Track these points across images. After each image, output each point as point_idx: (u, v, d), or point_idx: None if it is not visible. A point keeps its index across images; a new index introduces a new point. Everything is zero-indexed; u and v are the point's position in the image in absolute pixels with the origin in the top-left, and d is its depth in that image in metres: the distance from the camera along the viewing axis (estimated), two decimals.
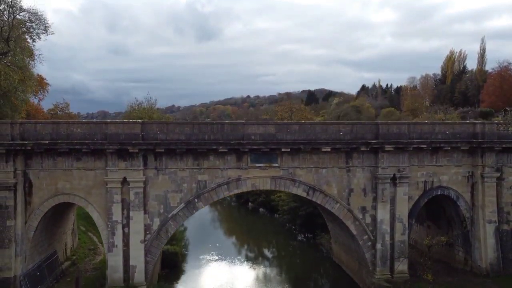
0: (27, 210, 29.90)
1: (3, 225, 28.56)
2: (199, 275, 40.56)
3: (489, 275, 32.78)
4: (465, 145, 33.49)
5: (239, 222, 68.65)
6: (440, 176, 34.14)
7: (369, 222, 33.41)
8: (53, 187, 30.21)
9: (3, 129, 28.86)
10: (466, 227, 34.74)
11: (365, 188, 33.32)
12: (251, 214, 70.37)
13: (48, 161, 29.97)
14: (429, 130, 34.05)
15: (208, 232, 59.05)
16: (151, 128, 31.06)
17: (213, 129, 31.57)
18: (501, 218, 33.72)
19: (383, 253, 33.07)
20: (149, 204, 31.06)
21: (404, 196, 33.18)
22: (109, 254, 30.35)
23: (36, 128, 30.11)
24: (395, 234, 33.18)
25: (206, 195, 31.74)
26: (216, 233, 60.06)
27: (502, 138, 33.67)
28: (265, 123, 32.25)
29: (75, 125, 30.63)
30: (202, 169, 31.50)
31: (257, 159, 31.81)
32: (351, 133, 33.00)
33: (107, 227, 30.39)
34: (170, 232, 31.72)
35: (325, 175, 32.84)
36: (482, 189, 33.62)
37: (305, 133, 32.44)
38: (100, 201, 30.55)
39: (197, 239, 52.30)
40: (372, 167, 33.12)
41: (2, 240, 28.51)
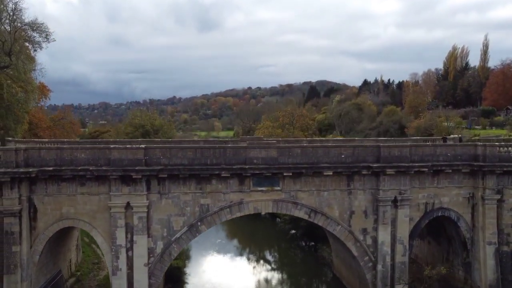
0: (32, 235, 30.31)
1: (9, 251, 28.96)
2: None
3: None
4: (466, 168, 33.68)
5: (241, 225, 69.22)
6: (441, 198, 34.39)
7: (370, 243, 33.76)
8: (58, 212, 30.57)
9: (8, 156, 29.07)
10: (466, 247, 35.07)
11: (366, 210, 33.61)
12: (253, 218, 70.71)
13: (53, 187, 30.28)
14: (430, 152, 34.17)
15: (210, 235, 59.71)
16: (154, 153, 31.23)
17: (215, 153, 31.75)
18: (501, 239, 34.00)
19: (383, 274, 33.49)
20: (152, 228, 31.42)
21: (405, 218, 33.47)
22: (113, 277, 30.81)
23: (40, 154, 30.35)
24: (395, 256, 33.54)
25: (209, 219, 32.08)
26: (218, 235, 60.70)
27: (504, 160, 33.76)
28: (267, 147, 32.40)
29: (79, 150, 30.79)
30: (205, 193, 31.79)
31: (259, 183, 32.06)
32: (352, 156, 33.17)
33: (111, 251, 30.80)
34: (174, 255, 32.15)
35: (327, 198, 33.12)
36: (483, 211, 33.87)
37: (307, 157, 32.62)
38: (104, 226, 30.92)
39: (199, 243, 52.90)
40: (374, 189, 33.37)
41: (8, 266, 28.94)
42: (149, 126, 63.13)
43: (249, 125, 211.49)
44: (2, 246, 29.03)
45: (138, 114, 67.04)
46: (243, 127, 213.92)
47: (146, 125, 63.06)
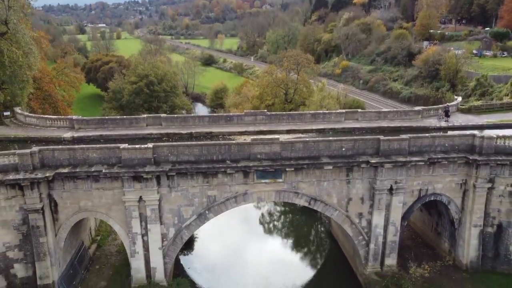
0: (55, 226, 33.25)
1: (37, 242, 32.14)
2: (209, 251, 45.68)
3: (468, 271, 36.95)
4: (461, 159, 34.98)
5: None
6: (434, 184, 36.30)
7: (364, 225, 36.63)
8: (76, 205, 33.09)
9: (24, 160, 30.70)
10: (453, 225, 37.98)
11: (363, 197, 35.83)
12: None
13: (69, 184, 32.34)
14: (429, 143, 35.22)
15: None
16: (162, 151, 32.63)
17: (220, 149, 33.07)
18: (486, 222, 36.63)
19: (375, 251, 36.97)
20: (164, 216, 34.14)
21: (399, 204, 35.81)
22: (132, 259, 34.46)
23: (54, 155, 31.91)
24: (387, 236, 36.62)
25: (216, 208, 34.59)
26: None
27: (499, 151, 34.88)
28: (271, 143, 33.46)
29: (90, 150, 32.19)
30: (212, 186, 33.84)
31: (262, 176, 33.85)
32: (353, 149, 34.39)
33: (128, 238, 33.97)
34: (185, 239, 35.34)
35: (326, 187, 35.13)
36: (473, 197, 35.98)
37: (309, 151, 33.91)
38: (120, 216, 33.65)
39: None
40: (371, 178, 35.16)
41: (38, 254, 32.36)
42: (153, 76, 62.83)
43: (253, 39, 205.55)
44: (31, 238, 32.11)
45: (141, 62, 66.06)
46: (247, 41, 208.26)
47: (149, 74, 62.71)
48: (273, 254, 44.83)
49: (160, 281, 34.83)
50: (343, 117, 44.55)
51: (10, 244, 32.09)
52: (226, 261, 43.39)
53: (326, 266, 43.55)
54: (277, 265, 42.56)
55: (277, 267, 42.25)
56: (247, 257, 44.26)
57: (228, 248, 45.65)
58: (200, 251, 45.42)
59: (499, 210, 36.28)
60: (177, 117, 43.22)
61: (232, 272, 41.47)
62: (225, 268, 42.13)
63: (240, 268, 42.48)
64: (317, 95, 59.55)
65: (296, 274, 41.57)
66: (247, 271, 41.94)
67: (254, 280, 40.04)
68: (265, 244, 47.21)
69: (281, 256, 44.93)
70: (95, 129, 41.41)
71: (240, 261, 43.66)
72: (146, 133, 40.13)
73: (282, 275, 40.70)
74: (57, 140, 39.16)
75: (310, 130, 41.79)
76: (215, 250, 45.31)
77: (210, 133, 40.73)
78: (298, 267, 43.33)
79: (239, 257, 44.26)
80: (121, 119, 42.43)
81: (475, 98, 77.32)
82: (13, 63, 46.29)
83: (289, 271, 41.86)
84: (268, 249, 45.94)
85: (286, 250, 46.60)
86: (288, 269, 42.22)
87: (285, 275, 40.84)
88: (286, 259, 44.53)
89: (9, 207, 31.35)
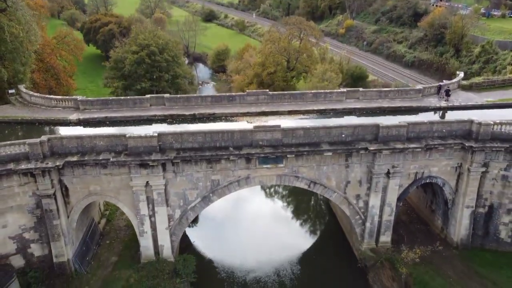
0: (67, 208, 34.99)
1: (51, 224, 34.00)
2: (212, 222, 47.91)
3: (458, 248, 39.05)
4: (458, 145, 35.94)
5: None
6: (430, 168, 37.52)
7: (361, 206, 38.32)
8: (86, 189, 34.63)
9: (35, 149, 31.83)
10: (447, 205, 39.66)
11: (361, 180, 37.21)
12: None
13: (79, 170, 33.67)
14: (427, 129, 36.03)
15: None
16: (166, 139, 33.63)
17: (223, 136, 34.04)
18: (479, 203, 38.20)
19: (371, 229, 38.94)
20: (170, 199, 35.76)
21: (396, 186, 37.25)
22: (141, 238, 36.52)
23: (62, 143, 32.99)
24: (383, 215, 38.42)
25: (219, 191, 36.11)
26: None
27: (495, 137, 35.76)
28: (273, 130, 34.32)
29: (98, 138, 33.18)
30: (215, 171, 35.13)
31: (264, 161, 35.03)
32: (352, 135, 35.32)
33: (137, 219, 35.81)
34: (190, 219, 37.20)
35: (326, 171, 36.41)
36: (467, 180, 37.29)
37: (310, 137, 34.87)
38: (129, 199, 35.29)
39: None
40: (370, 163, 36.34)
41: (52, 235, 34.33)
42: (154, 46, 62.34)
43: None
44: (45, 221, 33.96)
45: (142, 31, 65.16)
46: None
47: (150, 44, 62.21)
48: (273, 226, 47.10)
49: (167, 257, 37.08)
50: (344, 96, 45.00)
51: (26, 226, 33.97)
52: (229, 234, 45.73)
53: (324, 238, 45.96)
54: (277, 237, 44.87)
55: (277, 238, 44.57)
56: (249, 229, 46.55)
57: (232, 222, 47.87)
58: (205, 225, 47.67)
59: (492, 192, 37.74)
60: (180, 97, 43.76)
61: (235, 244, 43.90)
62: (229, 240, 44.51)
63: (242, 239, 44.86)
64: (320, 68, 59.27)
65: (296, 246, 43.95)
66: (248, 242, 44.30)
67: (255, 251, 42.46)
68: (266, 217, 49.37)
69: (282, 228, 47.21)
70: (100, 110, 42.16)
71: (242, 233, 46.00)
72: (150, 115, 40.94)
73: (282, 247, 43.11)
74: (63, 122, 40.12)
75: (312, 111, 42.49)
76: (219, 223, 47.53)
77: (213, 114, 41.51)
78: (298, 239, 45.67)
79: (242, 229, 46.57)
80: (125, 100, 43.01)
81: (478, 65, 76.88)
82: (14, 39, 46.32)
83: (288, 243, 44.20)
84: (269, 222, 48.15)
85: (286, 223, 48.88)
86: (288, 241, 44.54)
87: (285, 247, 43.23)
88: (286, 231, 46.84)
89: (22, 192, 32.86)
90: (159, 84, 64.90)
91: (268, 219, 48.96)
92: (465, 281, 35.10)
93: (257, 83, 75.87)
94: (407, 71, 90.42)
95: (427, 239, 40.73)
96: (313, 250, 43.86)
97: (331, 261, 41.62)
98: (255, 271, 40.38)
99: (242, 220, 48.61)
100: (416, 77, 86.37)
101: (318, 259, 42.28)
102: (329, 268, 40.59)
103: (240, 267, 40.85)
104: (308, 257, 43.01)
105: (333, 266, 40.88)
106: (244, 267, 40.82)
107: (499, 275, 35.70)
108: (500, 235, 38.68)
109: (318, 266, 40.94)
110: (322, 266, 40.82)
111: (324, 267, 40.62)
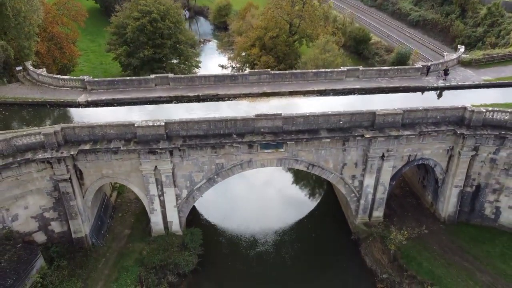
0: (82, 190, 37.65)
1: (68, 205, 36.83)
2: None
3: (445, 223, 42.10)
4: (450, 132, 37.69)
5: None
6: (423, 151, 39.55)
7: (356, 185, 40.86)
8: (99, 173, 37.06)
9: (50, 139, 33.84)
10: (437, 183, 42.18)
11: (357, 162, 39.42)
12: None
13: (91, 156, 35.88)
14: (422, 115, 37.60)
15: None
16: (173, 127, 35.48)
17: (227, 124, 35.81)
18: (467, 183, 40.61)
19: (365, 206, 41.81)
20: (177, 181, 38.28)
21: (389, 168, 39.53)
22: (151, 214, 39.53)
23: (75, 132, 34.95)
24: (377, 194, 41.08)
25: (223, 173, 38.50)
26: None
27: (487, 124, 37.42)
28: (273, 118, 35.96)
29: (108, 127, 35.02)
30: (220, 155, 37.29)
31: (266, 147, 37.07)
32: (349, 122, 37.03)
33: (147, 198, 38.60)
34: (196, 199, 39.96)
35: (324, 155, 38.53)
36: (457, 163, 39.43)
37: (309, 124, 36.62)
38: (139, 181, 37.83)
39: None
40: (365, 147, 38.34)
41: (70, 214, 37.30)
42: (156, 13, 61.90)
43: None
44: (63, 201, 36.78)
45: None
46: None
47: (152, 11, 61.75)
48: (276, 201, 50.13)
49: (176, 231, 40.34)
50: (344, 74, 46.00)
51: (46, 207, 36.83)
52: (233, 207, 48.84)
53: (323, 211, 48.98)
54: (279, 210, 48.06)
55: (279, 212, 47.77)
56: (252, 203, 49.57)
57: (236, 196, 50.73)
58: (210, 199, 50.55)
59: (480, 173, 40.02)
60: (184, 77, 44.89)
61: (239, 217, 47.12)
62: (233, 213, 47.70)
63: (246, 212, 48.02)
64: (321, 39, 59.17)
65: (295, 219, 47.16)
66: (251, 215, 47.48)
67: (258, 223, 45.76)
68: (268, 191, 52.09)
69: (283, 202, 50.16)
70: (106, 90, 43.54)
71: (246, 206, 49.08)
72: (156, 96, 42.41)
73: (282, 220, 46.38)
74: (72, 104, 41.70)
75: (312, 91, 43.80)
76: (224, 197, 50.42)
77: (217, 95, 42.94)
78: (298, 212, 48.57)
79: (245, 203, 49.60)
80: (131, 80, 44.20)
81: (483, 28, 76.11)
82: (16, 15, 46.65)
83: (289, 216, 47.36)
84: (272, 196, 51.04)
85: (288, 197, 51.54)
86: (288, 215, 47.69)
87: (285, 220, 46.49)
88: (287, 205, 49.82)
89: (40, 177, 35.33)
90: (161, 51, 65.21)
91: (270, 193, 51.70)
92: (449, 255, 38.43)
93: (259, 46, 75.82)
94: (411, 31, 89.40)
95: (418, 214, 43.82)
96: (312, 223, 47.01)
97: (327, 233, 44.93)
98: (256, 242, 43.71)
99: (246, 194, 51.45)
100: (420, 38, 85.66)
101: (316, 231, 45.45)
102: (325, 239, 43.91)
103: (243, 239, 44.09)
104: (307, 229, 46.18)
105: (329, 238, 44.21)
106: (247, 239, 44.07)
107: (480, 250, 38.96)
108: (485, 212, 41.52)
109: (315, 238, 44.22)
110: (319, 237, 44.09)
111: (321, 238, 43.93)
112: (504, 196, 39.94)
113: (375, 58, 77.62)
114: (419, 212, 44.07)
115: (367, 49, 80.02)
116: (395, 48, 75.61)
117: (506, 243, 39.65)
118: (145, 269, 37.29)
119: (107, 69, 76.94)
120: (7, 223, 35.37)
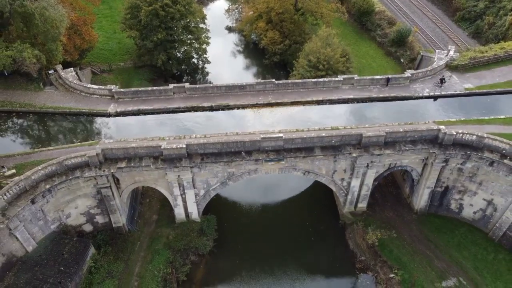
0: (119, 191, 46.20)
1: (109, 204, 45.63)
2: None
3: (417, 214, 50.82)
4: (425, 151, 44.76)
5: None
6: (402, 160, 46.93)
7: (345, 185, 48.98)
8: (132, 179, 45.32)
9: (93, 159, 41.61)
10: (413, 183, 50.17)
11: (346, 169, 47.10)
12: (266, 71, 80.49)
13: (126, 168, 43.75)
14: (402, 135, 44.34)
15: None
16: (193, 147, 42.83)
17: (237, 144, 43.05)
18: (437, 184, 48.46)
19: (351, 200, 50.37)
20: (196, 184, 46.55)
21: (373, 173, 47.31)
22: (175, 208, 48.48)
23: (112, 151, 42.47)
24: (361, 192, 49.37)
25: (234, 178, 46.53)
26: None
27: (457, 142, 44.26)
28: (276, 139, 43.00)
29: (139, 148, 42.44)
30: (231, 166, 45.05)
31: (269, 160, 44.62)
32: (340, 141, 44.05)
33: (171, 196, 47.23)
34: (211, 196, 48.47)
35: (318, 164, 46.12)
36: (430, 170, 46.93)
37: (306, 143, 43.75)
38: (165, 185, 46.17)
39: None
40: (353, 159, 45.72)
41: (111, 210, 46.27)
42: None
43: None
44: (105, 201, 45.56)
45: None
46: None
47: None
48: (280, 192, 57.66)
49: (195, 219, 49.61)
50: (340, 83, 51.70)
51: (91, 205, 45.71)
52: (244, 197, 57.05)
53: (319, 202, 56.96)
54: (281, 200, 56.51)
55: (281, 202, 56.29)
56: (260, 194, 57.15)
57: (246, 187, 58.30)
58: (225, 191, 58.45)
59: (448, 178, 47.77)
60: (199, 87, 51.03)
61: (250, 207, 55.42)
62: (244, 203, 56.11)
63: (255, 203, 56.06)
64: (323, 31, 62.60)
65: (294, 208, 55.64)
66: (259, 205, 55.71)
67: (263, 210, 54.62)
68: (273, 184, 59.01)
69: (286, 194, 57.59)
70: (131, 99, 50.08)
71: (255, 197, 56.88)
72: (175, 107, 49.00)
73: (284, 206, 55.19)
74: (104, 113, 48.57)
75: (311, 102, 50.03)
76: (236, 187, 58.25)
77: (228, 106, 49.40)
78: (297, 199, 56.94)
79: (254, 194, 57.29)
80: (152, 90, 50.61)
81: (484, 4, 77.97)
82: (44, 22, 51.49)
83: (289, 206, 55.82)
84: (276, 188, 58.06)
85: (291, 190, 57.91)
86: (289, 205, 56.08)
87: (286, 208, 55.25)
88: (289, 197, 57.70)
89: (86, 186, 43.69)
90: (174, 33, 69.38)
91: (276, 187, 58.48)
92: (415, 244, 47.72)
93: (266, 20, 79.00)
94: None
95: (396, 204, 52.48)
96: (309, 210, 55.11)
97: (321, 218, 53.80)
98: (261, 226, 52.68)
99: (255, 186, 58.50)
100: (423, 6, 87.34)
101: (311, 216, 53.91)
102: (319, 223, 52.95)
103: (251, 229, 52.26)
104: (304, 215, 54.47)
105: (321, 222, 53.23)
106: (255, 228, 52.27)
107: (441, 239, 48.10)
108: (451, 207, 50.01)
109: (310, 221, 53.09)
110: (314, 222, 52.97)
111: (315, 223, 52.90)
112: (467, 196, 48.09)
113: (377, 31, 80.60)
114: (397, 202, 52.68)
115: (370, 21, 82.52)
116: (397, 23, 78.32)
117: (464, 233, 48.67)
118: (172, 252, 47.15)
119: (121, 40, 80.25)
120: (63, 220, 44.55)
